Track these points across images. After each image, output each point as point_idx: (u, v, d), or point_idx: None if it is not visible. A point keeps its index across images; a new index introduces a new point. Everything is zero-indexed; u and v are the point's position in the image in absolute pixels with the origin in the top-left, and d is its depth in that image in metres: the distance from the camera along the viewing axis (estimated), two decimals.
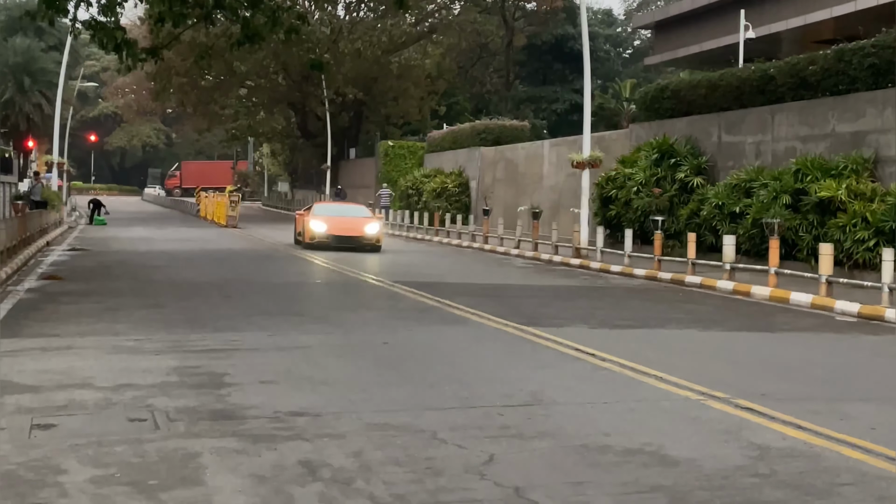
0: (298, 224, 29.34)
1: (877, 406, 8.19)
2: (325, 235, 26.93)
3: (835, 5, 33.43)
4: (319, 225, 27.17)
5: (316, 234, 26.97)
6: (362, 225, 27.67)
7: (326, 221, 27.40)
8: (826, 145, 21.35)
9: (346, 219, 28.12)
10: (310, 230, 27.14)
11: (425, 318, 13.34)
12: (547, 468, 6.04)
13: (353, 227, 27.46)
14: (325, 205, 31.46)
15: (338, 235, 26.95)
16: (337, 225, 27.32)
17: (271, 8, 17.83)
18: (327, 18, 56.26)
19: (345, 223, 27.58)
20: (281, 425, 6.90)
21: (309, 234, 27.15)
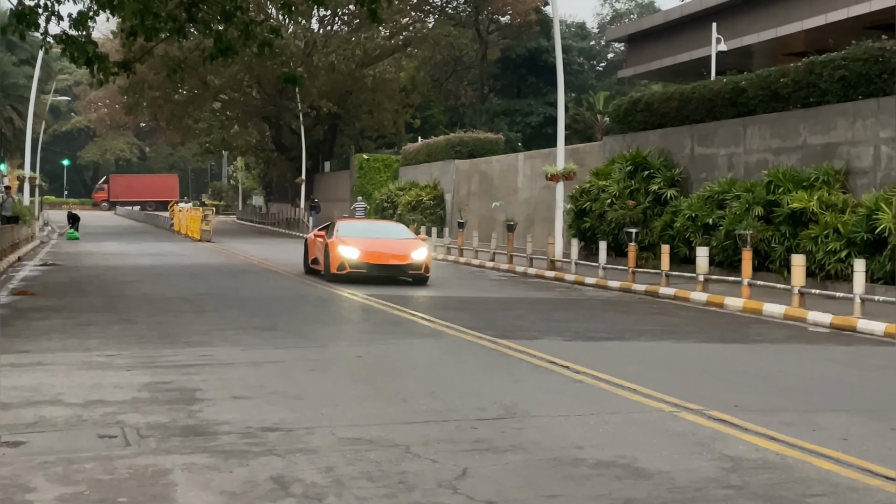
0: (313, 248, 23.05)
1: (848, 417, 8.23)
2: (358, 263, 20.68)
3: (806, 18, 33.73)
4: (351, 250, 20.76)
5: (347, 262, 20.67)
6: (407, 249, 21.27)
7: (359, 245, 21.00)
8: (798, 157, 21.50)
9: (384, 241, 21.86)
10: (338, 257, 20.76)
11: (399, 332, 13.31)
12: (520, 482, 6.03)
13: (394, 251, 21.17)
14: (350, 223, 24.40)
15: (377, 264, 20.77)
16: (374, 250, 21.02)
17: (244, 22, 17.79)
18: (301, 32, 56.22)
19: (384, 247, 21.34)
20: (253, 441, 6.85)
21: (336, 262, 20.79)
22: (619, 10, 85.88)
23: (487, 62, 64.87)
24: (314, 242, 23.15)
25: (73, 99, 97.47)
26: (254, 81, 58.05)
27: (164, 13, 17.52)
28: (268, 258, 29.89)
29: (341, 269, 20.74)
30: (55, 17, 17.13)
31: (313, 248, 23.10)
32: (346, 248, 20.91)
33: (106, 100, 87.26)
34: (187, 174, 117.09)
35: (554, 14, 27.16)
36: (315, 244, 23.00)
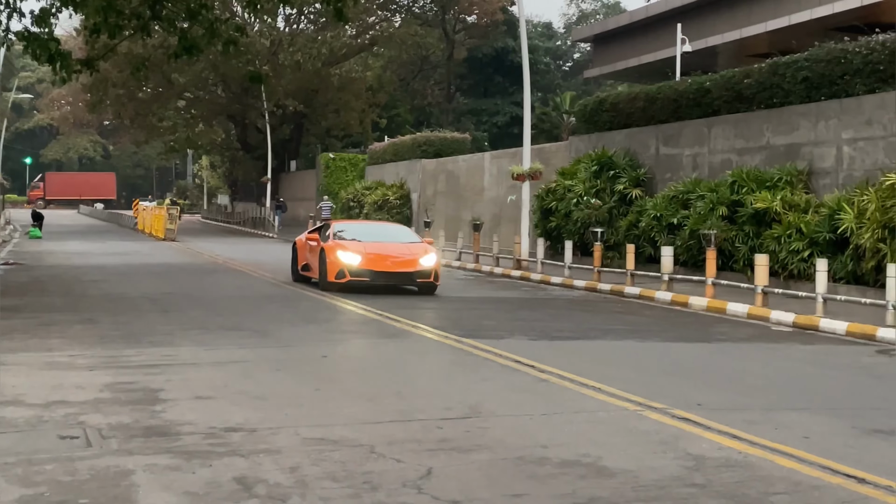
0: (304, 253, 20.60)
1: (810, 415, 8.30)
2: (360, 270, 18.30)
3: (769, 20, 34.01)
4: (351, 256, 18.43)
5: (347, 269, 18.29)
6: (414, 254, 18.95)
7: (361, 249, 18.65)
8: (761, 157, 21.66)
9: (388, 245, 19.37)
10: (336, 262, 18.42)
11: (365, 331, 13.29)
12: (485, 481, 6.03)
13: (401, 257, 18.82)
14: (348, 224, 22.28)
15: (382, 271, 18.47)
16: (378, 255, 18.64)
17: (209, 20, 17.72)
18: (267, 30, 55.99)
19: (388, 252, 18.92)
20: (216, 441, 6.81)
21: (334, 269, 18.41)
22: (586, 10, 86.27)
23: (454, 62, 64.91)
24: (305, 246, 20.57)
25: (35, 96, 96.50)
26: (219, 80, 57.77)
27: (127, 10, 17.42)
28: (233, 258, 29.74)
29: (340, 276, 18.25)
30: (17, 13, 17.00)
31: (304, 253, 20.60)
32: (345, 253, 18.43)
33: (69, 97, 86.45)
34: (152, 173, 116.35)
35: (520, 14, 27.21)
36: (306, 248, 20.45)
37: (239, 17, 47.96)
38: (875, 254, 16.90)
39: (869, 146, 19.07)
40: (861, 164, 19.18)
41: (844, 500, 5.81)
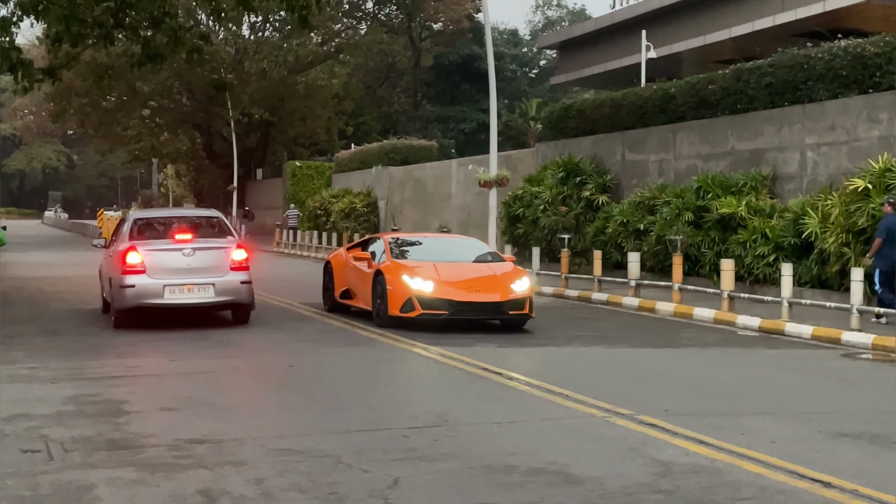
0: (343, 274, 16.40)
1: (776, 420, 8.33)
2: (434, 301, 14.06)
3: (733, 26, 34.23)
4: (421, 282, 14.15)
5: (417, 299, 14.05)
6: (502, 278, 14.64)
7: (433, 274, 14.36)
8: (726, 163, 21.78)
9: (466, 267, 15.23)
10: (404, 291, 14.13)
11: (332, 340, 13.22)
12: (452, 490, 6.00)
13: (486, 282, 14.56)
14: (403, 238, 17.06)
15: (464, 302, 14.15)
16: (457, 281, 14.49)
17: (173, 28, 17.58)
18: (232, 38, 55.73)
19: (469, 275, 14.83)
20: (180, 453, 6.74)
21: (400, 299, 14.14)
22: (551, 17, 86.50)
23: (420, 69, 64.90)
24: (345, 266, 16.38)
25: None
26: (184, 88, 57.42)
27: (90, 19, 17.26)
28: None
29: (408, 309, 14.01)
30: None
31: (343, 274, 16.39)
32: (413, 279, 14.16)
33: (32, 107, 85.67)
34: (116, 182, 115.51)
35: (486, 21, 27.22)
36: (348, 269, 16.22)
37: (203, 24, 47.71)
38: (839, 258, 17.02)
39: (832, 151, 19.22)
40: (825, 169, 19.33)
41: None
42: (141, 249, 14.24)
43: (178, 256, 14.35)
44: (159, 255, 14.32)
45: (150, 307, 14.21)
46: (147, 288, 14.01)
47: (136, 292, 13.98)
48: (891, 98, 17.99)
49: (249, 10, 18.41)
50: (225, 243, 15.18)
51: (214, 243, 15.10)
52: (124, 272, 14.03)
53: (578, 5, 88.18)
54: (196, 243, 14.70)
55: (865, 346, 13.25)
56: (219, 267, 14.61)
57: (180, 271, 14.26)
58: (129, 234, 15.04)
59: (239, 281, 14.70)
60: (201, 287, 14.35)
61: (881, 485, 6.20)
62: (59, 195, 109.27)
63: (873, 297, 15.51)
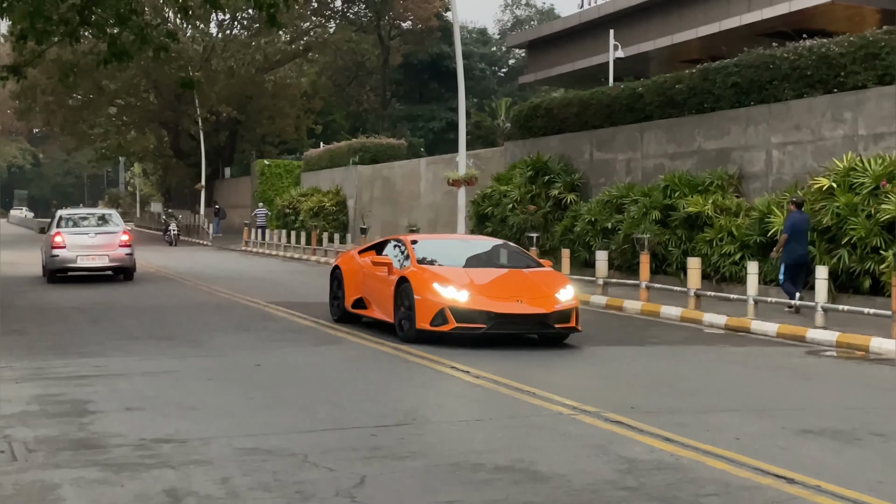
0: (357, 280, 14.71)
1: (741, 417, 8.39)
2: (470, 313, 12.41)
3: (700, 26, 34.45)
4: (454, 291, 12.52)
5: (451, 310, 12.39)
6: (544, 286, 13.07)
7: (466, 281, 12.79)
8: (693, 162, 21.92)
9: (502, 274, 13.55)
10: (435, 301, 12.48)
11: (300, 339, 13.18)
12: (418, 488, 6.00)
13: (529, 292, 12.83)
14: (430, 241, 15.24)
15: (504, 314, 12.43)
16: (495, 290, 12.84)
17: (139, 25, 17.45)
18: (199, 36, 55.45)
19: (508, 284, 13.11)
20: (146, 453, 6.70)
21: (430, 311, 12.47)
22: (520, 16, 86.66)
23: (389, 68, 64.84)
24: (358, 271, 14.71)
25: None
26: (151, 86, 57.07)
27: (55, 16, 17.10)
28: (165, 266, 29.38)
29: (440, 322, 12.40)
30: None
31: (356, 280, 14.68)
32: (446, 287, 12.56)
33: None
34: (83, 181, 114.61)
35: (454, 20, 27.25)
36: (362, 275, 14.57)
37: (171, 22, 47.44)
38: None
39: (797, 150, 19.39)
40: (790, 168, 19.49)
41: (774, 500, 5.88)
42: (63, 233, 22.48)
43: (86, 238, 22.56)
44: (74, 237, 22.43)
45: (68, 268, 22.38)
46: (66, 257, 22.26)
47: (60, 259, 22.31)
48: (855, 98, 18.18)
49: (217, 7, 18.32)
50: (117, 230, 23.24)
51: (109, 229, 23.18)
52: (53, 247, 22.25)
53: (547, 4, 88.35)
54: (97, 229, 23.08)
55: (830, 343, 13.38)
56: (112, 244, 22.61)
57: (87, 247, 22.39)
58: (56, 224, 23.38)
59: (124, 253, 22.73)
60: (100, 257, 22.46)
61: (844, 480, 6.26)
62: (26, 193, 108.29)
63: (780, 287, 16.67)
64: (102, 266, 22.56)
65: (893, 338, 12.86)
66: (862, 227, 16.11)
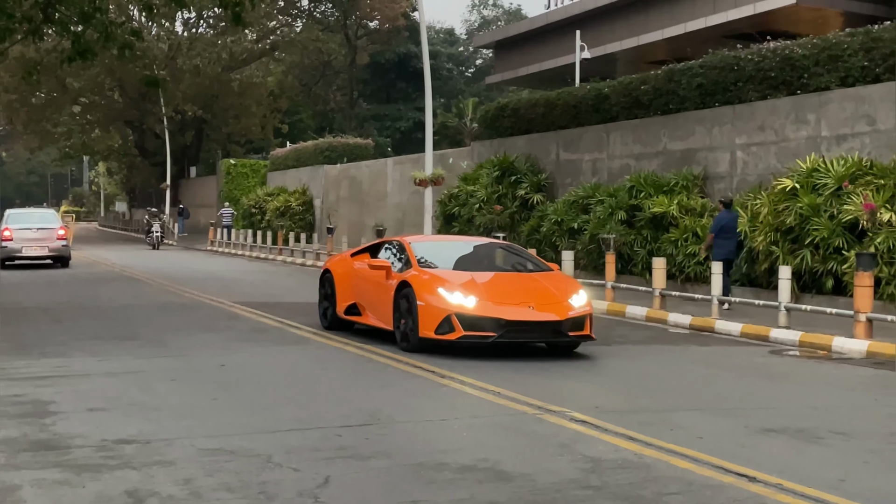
0: (350, 284, 13.80)
1: (704, 416, 8.45)
2: (480, 320, 11.54)
3: (666, 27, 34.63)
4: (461, 296, 11.68)
5: (457, 317, 11.55)
6: (556, 292, 12.21)
7: (473, 286, 11.97)
8: (658, 163, 22.04)
9: (510, 278, 12.86)
10: (441, 307, 11.64)
11: (264, 339, 13.12)
12: (383, 488, 5.99)
13: (540, 298, 11.98)
14: (428, 243, 14.68)
15: (515, 321, 11.60)
16: (504, 295, 11.98)
17: (103, 23, 17.30)
18: (165, 34, 55.09)
19: (517, 289, 12.30)
20: (108, 454, 6.65)
21: (436, 318, 11.62)
22: (487, 16, 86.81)
23: (356, 67, 64.70)
24: (352, 275, 13.87)
25: None
26: (115, 84, 56.64)
27: (18, 13, 16.93)
28: (130, 266, 29.18)
29: (446, 330, 11.57)
30: None
31: (349, 285, 13.82)
32: (452, 292, 11.73)
33: None
34: (47, 180, 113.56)
35: (421, 20, 27.24)
36: (356, 279, 13.72)
37: (135, 20, 47.11)
38: (768, 256, 17.31)
39: (761, 151, 19.54)
40: (754, 169, 19.65)
41: (736, 498, 5.91)
42: (11, 228, 27.59)
43: (29, 232, 27.63)
44: (20, 232, 27.51)
45: (15, 257, 27.37)
46: (13, 248, 27.43)
47: (8, 250, 27.35)
48: (818, 99, 18.35)
49: (182, 6, 18.22)
50: (55, 226, 28.31)
51: (49, 226, 28.25)
52: (2, 240, 27.32)
53: (514, 5, 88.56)
54: (39, 225, 28.08)
55: (793, 342, 13.49)
56: (51, 238, 27.74)
57: (31, 240, 27.55)
58: (5, 221, 28.29)
59: (61, 245, 27.86)
60: (41, 248, 27.61)
61: (805, 479, 6.31)
62: None
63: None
64: (43, 255, 27.54)
65: (855, 337, 12.99)
66: (825, 227, 16.25)
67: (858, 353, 12.58)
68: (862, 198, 15.80)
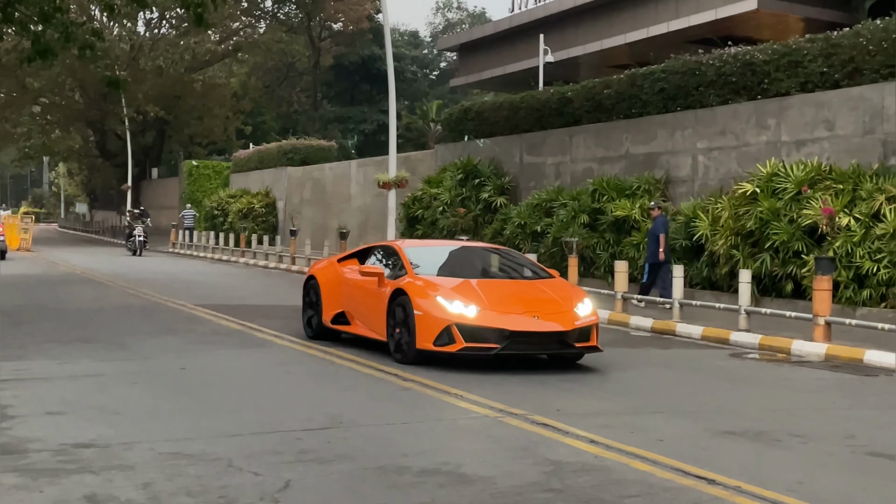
0: (339, 292, 13.03)
1: (665, 418, 8.50)
2: (479, 330, 10.93)
3: (629, 32, 34.79)
4: (462, 306, 11.04)
5: (457, 328, 10.92)
6: (561, 301, 11.60)
7: (474, 294, 11.31)
8: (621, 166, 22.16)
9: (510, 285, 12.21)
10: (440, 317, 10.99)
11: (227, 342, 13.05)
12: (344, 492, 5.98)
13: (540, 305, 11.44)
14: (423, 248, 13.85)
15: (520, 332, 10.98)
16: (508, 304, 11.33)
17: (64, 23, 17.16)
18: (126, 35, 54.70)
19: (519, 297, 11.65)
20: (66, 458, 6.58)
21: (435, 328, 10.98)
22: (452, 19, 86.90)
23: (320, 69, 64.54)
24: (340, 282, 13.11)
25: None
26: (76, 85, 56.17)
27: None
28: (91, 268, 28.93)
29: (445, 341, 10.93)
30: None
31: (336, 293, 13.07)
32: (451, 301, 11.06)
33: None
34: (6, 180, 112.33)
35: (385, 22, 27.21)
36: (345, 286, 12.97)
37: (96, 20, 46.75)
38: (728, 260, 17.46)
39: (722, 156, 19.71)
40: (715, 173, 19.81)
41: (695, 500, 5.95)
42: None
43: None
44: None
45: None
46: None
47: None
48: (778, 105, 18.53)
49: (143, 6, 18.12)
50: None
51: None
52: None
53: (478, 8, 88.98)
54: None
55: (753, 346, 13.62)
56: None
57: None
58: None
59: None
60: None
61: (763, 481, 6.37)
62: None
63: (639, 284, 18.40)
64: None
65: (814, 340, 13.14)
66: (784, 231, 16.42)
67: (817, 356, 12.72)
68: (821, 202, 15.98)
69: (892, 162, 16.34)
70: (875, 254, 15.25)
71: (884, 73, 16.69)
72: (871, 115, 16.76)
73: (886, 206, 15.36)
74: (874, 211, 15.51)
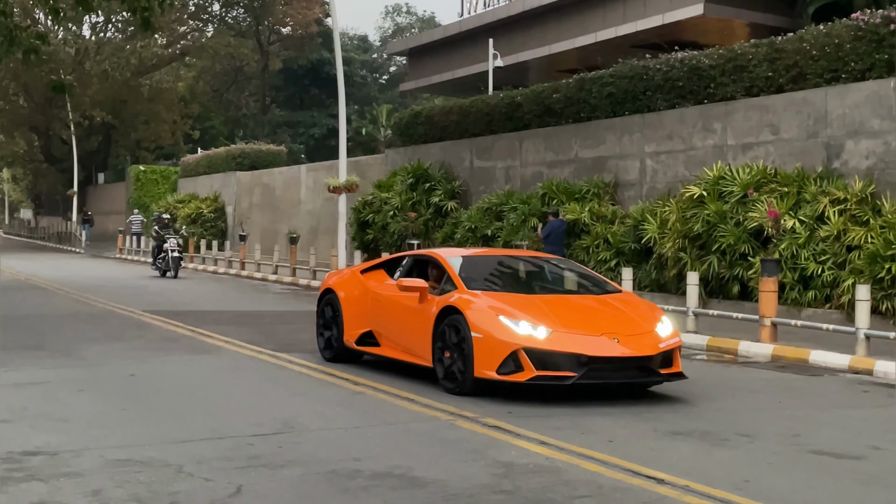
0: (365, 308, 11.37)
1: (615, 419, 8.57)
2: (556, 356, 9.20)
3: (577, 36, 35.02)
4: (530, 327, 9.29)
5: (527, 352, 9.15)
6: (638, 319, 9.97)
7: (544, 313, 9.60)
8: (570, 170, 22.31)
9: (576, 301, 10.50)
10: (506, 341, 9.20)
11: (175, 348, 12.95)
12: (295, 497, 5.97)
13: (617, 325, 9.76)
14: (468, 258, 11.09)
15: (601, 358, 9.26)
16: (577, 324, 9.64)
17: (7, 27, 16.94)
18: (72, 38, 54.09)
19: (587, 314, 10.05)
20: (13, 466, 6.50)
21: (500, 353, 9.21)
22: (401, 24, 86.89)
23: (269, 73, 64.29)
24: (368, 297, 11.41)
25: None
26: (20, 89, 55.46)
27: None
28: (36, 274, 28.54)
29: (511, 369, 9.24)
30: None
31: (363, 309, 11.43)
32: (516, 322, 9.39)
33: None
34: None
35: (334, 26, 27.17)
36: (375, 301, 11.30)
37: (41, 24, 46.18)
38: (676, 262, 17.65)
39: (670, 159, 19.92)
40: (663, 177, 20.01)
41: (645, 500, 6.02)
42: None
43: None
44: None
45: None
46: None
47: None
48: (724, 109, 18.76)
49: (89, 10, 17.92)
50: None
51: None
52: None
53: (428, 13, 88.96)
54: None
55: (701, 347, 13.77)
56: None
57: None
58: None
59: None
60: None
61: (712, 480, 6.46)
62: None
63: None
64: None
65: (761, 341, 13.31)
66: (731, 234, 16.63)
67: (763, 356, 12.90)
68: (766, 205, 16.21)
69: (836, 165, 16.62)
70: (819, 256, 15.51)
71: (827, 77, 16.97)
72: (815, 118, 17.03)
73: (830, 208, 15.63)
74: (818, 213, 15.77)
